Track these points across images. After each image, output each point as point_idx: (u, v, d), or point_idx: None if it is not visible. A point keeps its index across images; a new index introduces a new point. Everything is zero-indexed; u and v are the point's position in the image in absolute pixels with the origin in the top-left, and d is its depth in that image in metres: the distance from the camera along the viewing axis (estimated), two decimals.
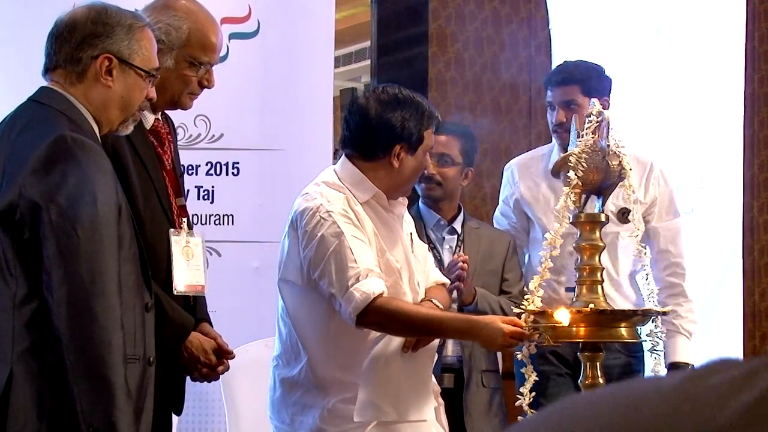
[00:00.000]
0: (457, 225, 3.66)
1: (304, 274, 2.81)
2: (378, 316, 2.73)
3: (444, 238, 3.64)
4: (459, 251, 3.60)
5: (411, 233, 2.99)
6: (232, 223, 4.31)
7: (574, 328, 2.73)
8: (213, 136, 4.34)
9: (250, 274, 4.28)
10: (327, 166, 4.36)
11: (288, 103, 4.32)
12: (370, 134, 2.86)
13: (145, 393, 2.34)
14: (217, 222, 4.31)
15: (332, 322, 2.83)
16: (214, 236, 4.23)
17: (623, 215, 3.30)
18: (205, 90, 2.90)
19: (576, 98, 3.64)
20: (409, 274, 2.89)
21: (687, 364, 3.59)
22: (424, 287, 2.97)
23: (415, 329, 2.81)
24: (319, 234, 2.77)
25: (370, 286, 2.73)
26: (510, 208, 3.83)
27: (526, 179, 3.81)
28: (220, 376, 2.87)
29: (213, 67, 2.87)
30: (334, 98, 4.63)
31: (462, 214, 3.70)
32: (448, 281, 3.13)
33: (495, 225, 3.83)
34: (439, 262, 3.50)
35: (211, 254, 4.21)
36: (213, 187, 4.32)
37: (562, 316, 2.71)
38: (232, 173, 4.33)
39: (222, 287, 3.98)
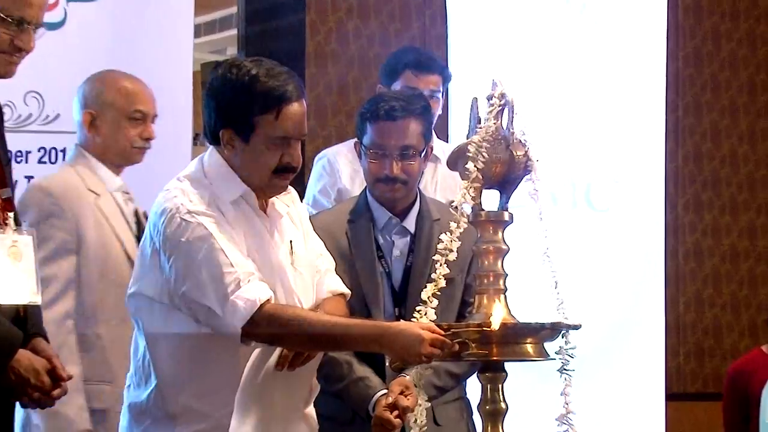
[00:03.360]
0: (410, 222, 3.42)
1: (170, 289, 2.77)
2: (269, 325, 2.71)
3: (393, 242, 3.42)
4: (411, 260, 3.37)
5: (291, 241, 2.94)
6: None
7: (473, 345, 2.75)
8: (47, 116, 4.27)
9: None
10: (185, 153, 4.37)
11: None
12: (206, 116, 2.86)
13: None
14: None
15: (191, 343, 2.80)
16: None
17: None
18: (38, 62, 2.87)
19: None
20: (285, 290, 2.87)
21: None
22: (310, 303, 2.94)
23: (315, 340, 2.77)
24: (183, 239, 2.74)
25: (254, 291, 2.71)
26: (330, 199, 4.04)
27: (348, 169, 4.01)
28: (56, 401, 2.83)
29: (45, 34, 2.85)
30: (193, 73, 4.60)
31: (417, 203, 3.44)
32: (348, 291, 3.07)
33: None
34: (387, 276, 3.39)
35: None
36: None
37: (495, 320, 2.73)
38: None
39: None
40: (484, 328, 2.72)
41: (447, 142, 4.59)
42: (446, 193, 4.12)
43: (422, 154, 3.40)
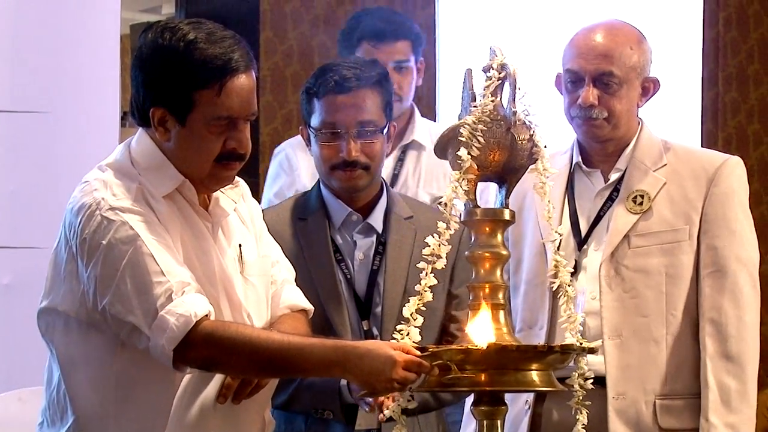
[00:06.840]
0: (376, 219, 3.48)
1: (88, 301, 2.78)
2: (207, 347, 2.72)
3: (355, 243, 3.49)
4: (378, 264, 3.44)
5: (240, 245, 2.97)
6: None
7: (460, 370, 2.75)
8: None
9: None
10: (112, 136, 4.36)
11: (52, 45, 4.28)
12: (134, 91, 2.88)
13: None
14: None
15: (116, 369, 2.81)
16: None
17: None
18: None
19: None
20: (231, 303, 2.89)
21: None
22: (263, 320, 2.97)
23: (263, 364, 2.79)
24: (105, 242, 2.75)
25: (189, 305, 2.73)
26: None
27: (307, 164, 4.09)
28: None
29: None
30: (121, 37, 4.59)
31: (384, 196, 3.52)
32: (310, 307, 3.10)
33: None
34: (348, 284, 3.43)
35: None
36: None
37: (480, 338, 2.73)
38: None
39: None
40: (470, 348, 2.73)
41: (435, 122, 4.61)
42: (431, 187, 4.14)
43: (384, 132, 3.44)
